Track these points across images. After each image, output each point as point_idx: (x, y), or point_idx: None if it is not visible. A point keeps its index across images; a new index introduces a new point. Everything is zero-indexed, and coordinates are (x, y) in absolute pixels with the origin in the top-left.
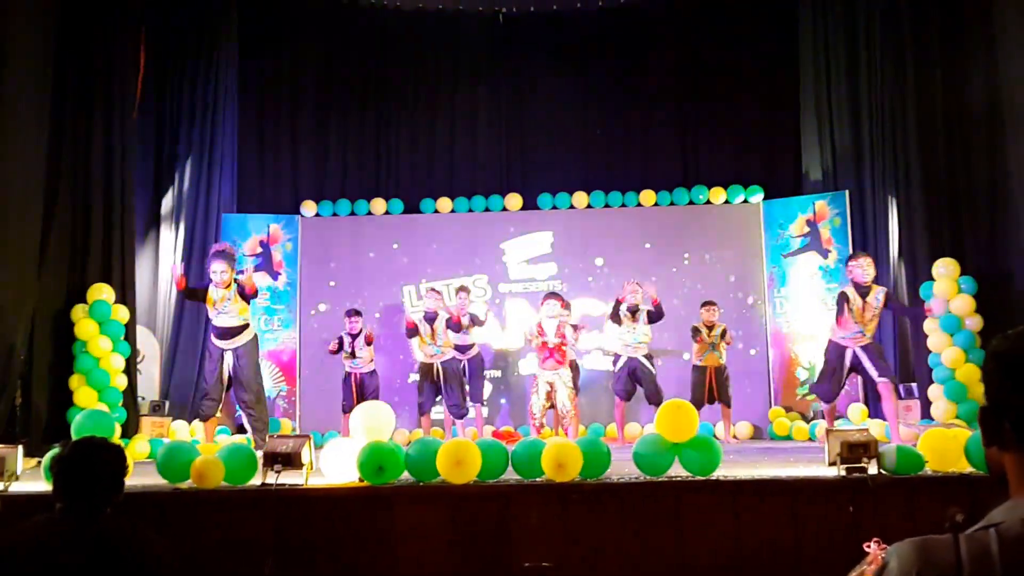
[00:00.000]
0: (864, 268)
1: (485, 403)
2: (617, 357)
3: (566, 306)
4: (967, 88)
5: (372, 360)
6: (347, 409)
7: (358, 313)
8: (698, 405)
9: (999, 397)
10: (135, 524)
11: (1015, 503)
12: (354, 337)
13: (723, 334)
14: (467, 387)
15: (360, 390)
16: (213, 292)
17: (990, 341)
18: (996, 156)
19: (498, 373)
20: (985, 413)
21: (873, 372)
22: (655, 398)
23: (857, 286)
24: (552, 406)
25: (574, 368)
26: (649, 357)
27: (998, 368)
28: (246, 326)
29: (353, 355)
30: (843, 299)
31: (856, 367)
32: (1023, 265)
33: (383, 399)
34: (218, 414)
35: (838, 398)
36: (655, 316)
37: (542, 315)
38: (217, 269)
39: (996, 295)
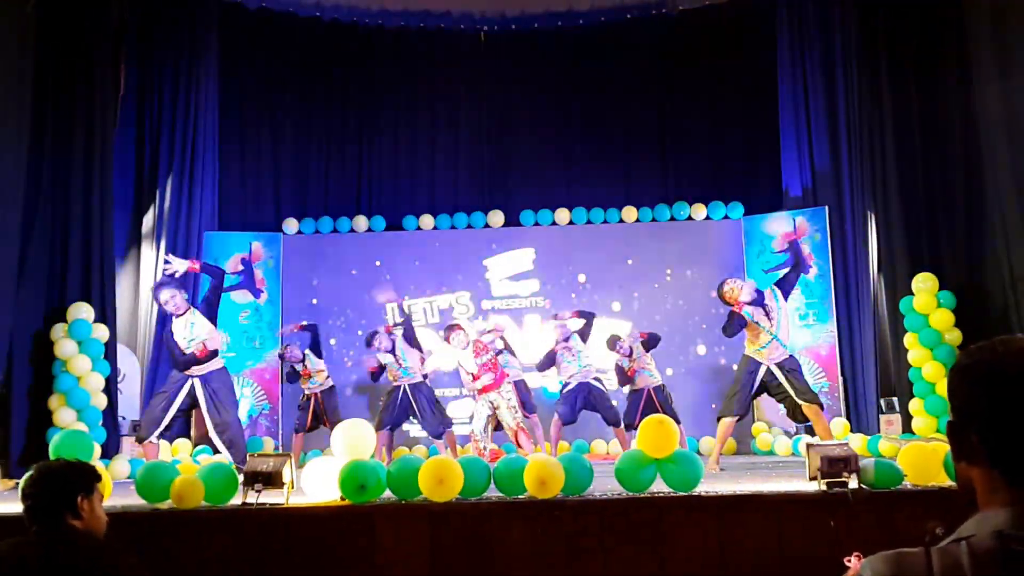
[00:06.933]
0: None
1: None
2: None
3: (460, 329)
4: (943, 105)
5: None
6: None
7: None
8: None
9: (966, 411)
10: (107, 543)
11: (984, 516)
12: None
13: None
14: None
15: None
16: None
17: (956, 357)
18: (973, 171)
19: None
20: (953, 428)
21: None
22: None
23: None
24: (497, 427)
25: (524, 388)
26: (598, 379)
27: (963, 382)
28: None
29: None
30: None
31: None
32: (1001, 279)
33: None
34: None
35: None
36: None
37: (458, 354)
38: (164, 299)
39: (975, 310)
